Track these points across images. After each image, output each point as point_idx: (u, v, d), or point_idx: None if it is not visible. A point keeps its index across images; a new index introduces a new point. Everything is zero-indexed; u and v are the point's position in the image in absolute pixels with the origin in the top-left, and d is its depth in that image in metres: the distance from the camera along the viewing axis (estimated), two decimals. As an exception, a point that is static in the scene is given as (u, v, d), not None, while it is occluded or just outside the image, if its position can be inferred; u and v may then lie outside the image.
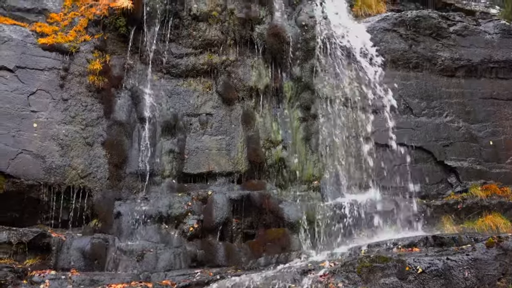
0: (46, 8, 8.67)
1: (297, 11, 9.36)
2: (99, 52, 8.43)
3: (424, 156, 9.04)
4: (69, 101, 8.11)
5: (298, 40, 8.99)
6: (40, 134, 7.76)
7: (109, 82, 8.35)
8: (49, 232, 7.14)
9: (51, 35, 8.31)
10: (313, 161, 8.76)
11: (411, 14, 9.70)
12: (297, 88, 9.01)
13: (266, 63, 9.03)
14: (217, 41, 8.89)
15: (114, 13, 8.41)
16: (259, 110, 8.90)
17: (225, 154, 8.57)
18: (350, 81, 9.02)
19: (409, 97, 9.31)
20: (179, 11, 8.74)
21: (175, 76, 8.82)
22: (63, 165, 7.77)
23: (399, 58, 9.46)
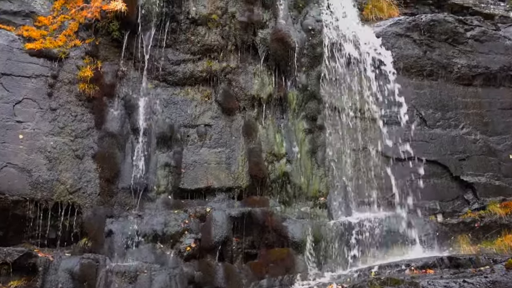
0: (34, 11, 8.74)
1: (303, 15, 9.46)
2: (91, 58, 8.49)
3: (438, 170, 9.16)
4: (58, 111, 8.17)
5: (304, 45, 9.10)
6: (26, 146, 7.80)
7: (101, 90, 8.41)
8: (36, 251, 7.20)
9: (39, 40, 8.37)
10: (319, 175, 8.85)
11: (425, 18, 9.85)
12: (302, 97, 9.09)
13: (269, 70, 9.11)
14: (217, 46, 8.97)
15: (107, 16, 8.45)
16: (262, 121, 8.98)
17: (225, 168, 8.63)
18: (360, 90, 9.13)
19: (423, 107, 9.43)
20: (176, 14, 8.81)
21: (172, 84, 8.88)
22: (50, 179, 7.81)
23: (413, 65, 9.59)
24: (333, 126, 9.00)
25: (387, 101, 9.16)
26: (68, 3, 8.90)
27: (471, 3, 11.51)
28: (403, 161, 8.91)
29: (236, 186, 8.58)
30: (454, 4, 11.49)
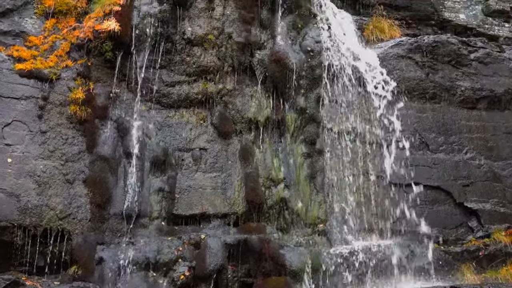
0: (24, 30, 8.99)
1: (301, 36, 9.76)
2: (82, 79, 8.74)
3: (442, 196, 9.43)
4: (48, 134, 8.39)
5: (303, 67, 9.41)
6: (14, 170, 8.01)
7: (93, 112, 8.65)
8: (23, 279, 7.39)
9: (29, 60, 8.60)
10: (318, 201, 9.10)
11: (428, 40, 10.20)
12: (301, 120, 9.38)
13: (267, 92, 9.41)
14: (213, 67, 9.24)
15: (100, 36, 8.72)
16: (259, 145, 9.24)
17: (221, 193, 8.88)
18: (360, 113, 9.43)
19: (425, 131, 9.73)
20: (171, 35, 9.08)
21: (166, 107, 9.15)
22: (40, 204, 8.02)
23: (415, 88, 9.92)
24: (333, 151, 9.24)
25: (388, 124, 9.44)
26: (60, 22, 9.13)
27: (475, 24, 11.95)
28: (405, 186, 9.16)
29: (232, 212, 8.82)
30: (458, 25, 11.92)
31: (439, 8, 12.01)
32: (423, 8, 11.96)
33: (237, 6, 9.48)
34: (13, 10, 9.08)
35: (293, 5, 9.80)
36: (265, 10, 9.68)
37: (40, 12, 9.25)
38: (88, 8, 9.32)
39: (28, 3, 9.24)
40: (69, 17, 9.24)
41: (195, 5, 9.35)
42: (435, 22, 11.98)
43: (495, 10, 12.18)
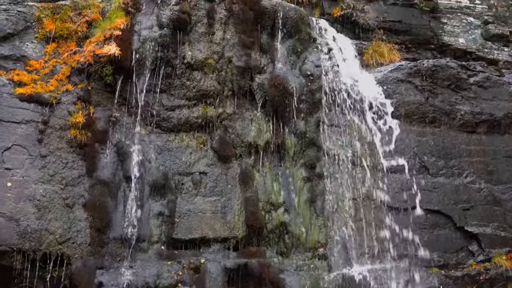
0: (25, 55, 9.26)
1: (301, 60, 10.08)
2: (83, 103, 8.99)
3: (442, 220, 9.66)
4: (48, 158, 8.62)
5: (303, 91, 9.70)
6: (14, 194, 8.21)
7: (93, 136, 8.90)
8: (23, 304, 7.53)
9: (29, 85, 8.86)
10: (318, 226, 9.34)
11: (427, 64, 10.49)
12: (301, 144, 9.63)
13: (267, 116, 9.67)
14: (213, 92, 9.49)
15: (100, 60, 8.98)
16: (259, 169, 9.47)
17: (220, 217, 9.08)
18: (360, 137, 9.72)
19: (425, 155, 10.00)
20: (171, 59, 9.32)
21: (166, 131, 9.38)
22: (39, 229, 8.21)
23: (414, 112, 10.21)
24: (333, 175, 9.48)
25: (388, 148, 9.71)
26: (61, 47, 9.43)
27: (474, 49, 12.34)
28: (405, 210, 9.42)
29: (232, 237, 9.02)
30: (457, 49, 12.32)
31: (438, 33, 12.42)
32: (423, 32, 12.38)
33: (237, 30, 9.78)
34: (14, 35, 9.39)
35: (293, 30, 10.12)
36: (265, 34, 10.00)
37: (41, 36, 9.56)
38: (88, 32, 9.62)
39: (29, 27, 9.56)
40: (70, 41, 9.54)
41: (195, 29, 9.62)
42: (434, 46, 12.38)
43: (495, 34, 12.57)
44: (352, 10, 12.09)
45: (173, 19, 9.42)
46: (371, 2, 12.41)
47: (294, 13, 10.18)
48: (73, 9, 9.80)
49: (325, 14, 12.37)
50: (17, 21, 9.51)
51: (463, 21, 12.81)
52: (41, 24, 9.63)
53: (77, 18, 9.71)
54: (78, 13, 9.76)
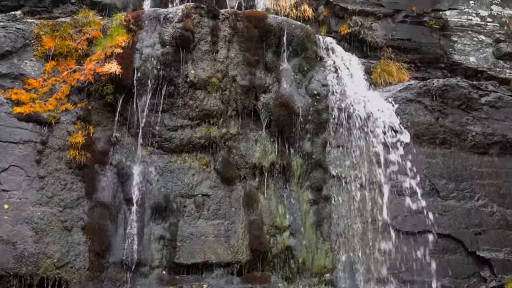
0: (23, 73, 9.31)
1: (307, 79, 10.13)
2: (82, 123, 9.05)
3: (452, 245, 9.65)
4: (46, 179, 8.67)
5: (309, 111, 9.74)
6: (11, 217, 8.26)
7: (93, 157, 8.95)
8: (19, 330, 7.52)
9: (28, 104, 8.93)
10: (324, 250, 9.35)
11: (437, 83, 10.52)
12: (307, 166, 9.65)
13: (272, 137, 9.69)
14: (217, 111, 9.52)
15: (101, 79, 9.04)
16: (263, 191, 9.47)
17: (224, 241, 9.07)
18: (368, 159, 9.75)
19: (435, 177, 10.01)
20: (174, 78, 9.37)
21: (168, 151, 9.40)
22: (36, 252, 8.24)
23: (424, 133, 10.24)
24: (340, 197, 9.52)
25: (397, 170, 9.75)
26: (60, 65, 9.49)
27: (485, 67, 12.39)
28: (414, 234, 9.44)
29: (235, 261, 9.01)
30: (468, 68, 12.38)
31: (448, 51, 12.49)
32: (432, 51, 12.45)
33: (241, 48, 9.82)
34: (12, 52, 9.47)
35: (299, 48, 10.16)
36: (270, 52, 10.04)
37: (40, 54, 9.63)
38: (89, 50, 9.67)
39: (27, 45, 9.65)
40: (70, 59, 9.61)
41: (199, 47, 9.67)
42: (444, 65, 12.45)
43: (506, 53, 12.63)
44: (359, 27, 12.19)
45: (176, 37, 9.46)
46: (379, 19, 12.50)
47: (300, 31, 10.21)
48: (73, 26, 9.88)
49: (332, 32, 12.50)
50: (16, 39, 9.59)
51: (474, 40, 12.87)
52: (40, 42, 9.71)
53: (77, 36, 9.78)
54: (78, 31, 9.84)
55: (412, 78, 11.56)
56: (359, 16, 12.42)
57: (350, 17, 12.42)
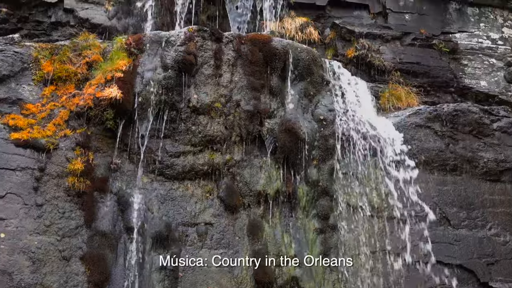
0: (21, 98, 9.38)
1: (314, 103, 10.27)
2: (81, 149, 9.10)
3: (464, 276, 9.68)
4: (44, 207, 8.71)
5: (315, 137, 9.86)
6: (7, 246, 8.28)
7: (92, 184, 9.01)
8: None
9: (26, 129, 8.98)
10: (332, 281, 9.38)
11: (447, 108, 10.64)
12: (313, 193, 9.74)
13: (277, 163, 9.77)
14: (220, 137, 9.62)
15: (101, 104, 9.15)
16: (268, 219, 9.55)
17: (227, 271, 9.13)
18: (376, 186, 9.84)
19: (446, 205, 10.09)
20: (176, 103, 9.47)
21: (170, 179, 9.48)
22: (33, 283, 8.24)
23: (434, 159, 10.33)
24: (348, 226, 9.57)
25: (407, 198, 9.80)
26: (59, 89, 9.57)
27: (497, 92, 12.52)
28: (425, 264, 9.49)
29: (239, 292, 8.95)
30: (479, 93, 12.53)
31: (458, 75, 12.65)
32: (442, 74, 12.61)
33: (245, 72, 9.96)
34: (10, 77, 9.56)
35: (305, 72, 10.30)
36: (275, 76, 10.18)
37: (38, 78, 9.72)
38: (88, 74, 9.79)
39: (26, 69, 9.74)
40: (69, 83, 9.71)
41: (202, 71, 9.81)
42: (454, 89, 12.62)
43: (518, 76, 12.77)
44: (367, 51, 12.34)
45: (178, 61, 9.59)
46: (387, 42, 12.67)
47: (306, 54, 10.36)
48: (73, 49, 10.00)
49: (339, 55, 12.67)
50: (13, 62, 9.69)
51: (484, 63, 13.02)
52: (38, 66, 9.81)
53: (77, 59, 9.90)
54: (77, 54, 9.96)
55: (422, 102, 11.70)
56: (366, 39, 12.59)
57: (357, 40, 12.59)
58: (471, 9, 13.75)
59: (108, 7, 11.89)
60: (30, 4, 11.68)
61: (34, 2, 11.69)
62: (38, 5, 11.74)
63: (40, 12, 11.81)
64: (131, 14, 12.05)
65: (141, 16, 12.06)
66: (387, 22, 13.15)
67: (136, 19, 12.05)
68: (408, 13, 13.32)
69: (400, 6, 13.33)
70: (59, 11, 11.82)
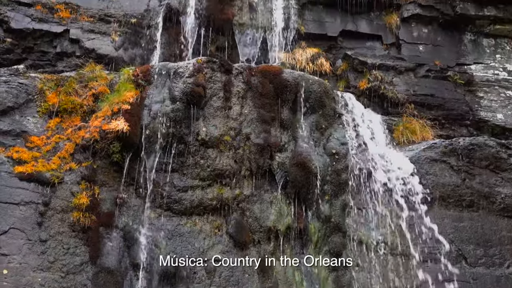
0: (25, 130, 9.59)
1: (326, 137, 10.45)
2: (87, 183, 9.29)
3: None
4: (48, 243, 8.83)
5: (327, 171, 10.01)
6: (10, 283, 8.37)
7: (98, 220, 9.17)
8: None
9: (30, 163, 9.16)
10: None
11: (463, 142, 10.77)
12: (325, 229, 9.85)
13: (288, 199, 9.91)
14: (229, 171, 9.77)
15: (107, 137, 9.34)
16: (279, 257, 9.64)
17: None
18: (390, 223, 9.92)
19: (463, 242, 10.18)
20: (184, 136, 9.66)
21: (178, 214, 9.62)
22: None
23: (450, 195, 10.45)
24: (361, 264, 9.69)
25: (421, 235, 9.91)
26: (64, 122, 9.80)
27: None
28: (441, 304, 9.61)
29: (249, 332, 9.10)
30: (495, 126, 12.65)
31: (474, 107, 12.80)
32: (457, 107, 12.80)
33: (255, 105, 10.17)
34: (14, 108, 9.78)
35: (316, 104, 10.52)
36: (286, 109, 10.39)
37: (43, 110, 9.96)
38: (95, 106, 10.03)
39: (30, 100, 9.97)
40: (74, 116, 9.94)
41: (211, 103, 10.02)
42: (470, 122, 12.78)
43: (536, 109, 12.92)
44: (380, 82, 12.51)
45: (187, 93, 9.79)
46: (401, 74, 12.84)
47: (317, 86, 10.58)
48: (79, 81, 10.24)
49: (351, 87, 12.85)
50: (18, 94, 9.90)
51: (501, 95, 13.17)
52: (43, 97, 10.04)
53: (83, 91, 10.12)
54: (83, 86, 10.18)
55: (436, 136, 11.84)
56: (379, 70, 12.77)
57: (369, 71, 12.77)
58: (487, 40, 13.93)
59: (115, 38, 12.09)
60: (35, 34, 11.95)
61: (39, 32, 11.96)
62: (43, 35, 12.01)
63: (45, 42, 12.05)
64: (138, 44, 12.25)
65: (149, 46, 12.25)
66: (401, 53, 13.36)
67: (143, 49, 12.26)
68: (422, 44, 13.51)
69: (414, 37, 13.52)
70: (64, 41, 12.05)
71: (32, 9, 12.06)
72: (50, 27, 12.08)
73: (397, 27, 13.54)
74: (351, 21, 13.64)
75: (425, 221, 10.00)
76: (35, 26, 11.96)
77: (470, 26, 13.78)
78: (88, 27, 12.21)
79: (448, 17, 13.60)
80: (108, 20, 12.45)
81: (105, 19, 12.45)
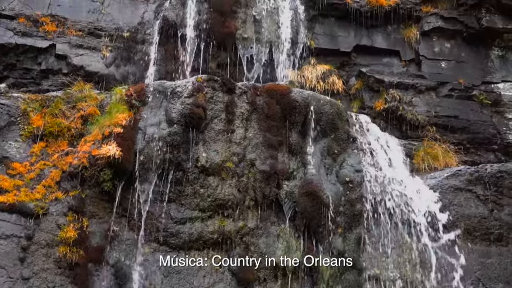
0: (7, 156, 9.57)
1: (338, 163, 10.41)
2: (75, 214, 9.22)
3: None
4: (31, 281, 8.77)
5: (340, 201, 9.96)
6: None
7: (86, 255, 9.10)
8: None
9: (12, 192, 9.11)
10: None
11: (491, 169, 10.73)
12: (338, 266, 9.76)
13: (296, 232, 9.85)
14: (232, 201, 9.72)
15: (97, 163, 9.29)
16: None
17: None
18: (411, 258, 9.89)
19: (490, 280, 10.12)
20: (182, 162, 9.62)
21: (175, 248, 9.54)
22: None
23: (476, 227, 10.40)
24: (378, 305, 9.69)
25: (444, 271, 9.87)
26: (50, 146, 9.77)
27: (543, 151, 12.67)
28: None
29: None
30: (524, 150, 12.67)
31: (502, 130, 12.76)
32: (483, 130, 12.75)
33: (261, 128, 10.13)
34: (-6, 132, 9.69)
35: (328, 127, 10.50)
36: (294, 132, 10.35)
37: (27, 134, 9.94)
38: (84, 129, 10.03)
39: (13, 123, 9.97)
40: (61, 140, 9.92)
41: (211, 126, 9.98)
42: (498, 146, 12.73)
43: None
44: (398, 103, 12.49)
45: (185, 114, 9.77)
46: (421, 93, 12.83)
47: (329, 107, 10.54)
48: (66, 101, 10.21)
49: (366, 107, 12.82)
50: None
51: (530, 116, 13.13)
52: (27, 119, 10.03)
53: (71, 113, 10.09)
54: (71, 107, 10.16)
55: (461, 162, 11.80)
56: (397, 89, 12.75)
57: (386, 90, 12.75)
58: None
59: (106, 53, 12.09)
60: (17, 49, 11.94)
61: (23, 48, 11.95)
62: (27, 50, 12.00)
63: (29, 58, 12.03)
64: (131, 61, 12.26)
65: (143, 63, 12.24)
66: (421, 70, 13.33)
67: (137, 66, 12.25)
68: (444, 61, 13.46)
69: (435, 52, 13.50)
70: (50, 57, 12.04)
71: (15, 22, 12.05)
72: (35, 42, 12.07)
73: (417, 41, 13.53)
74: (366, 35, 13.64)
75: (448, 257, 9.93)
76: (18, 41, 11.96)
77: (497, 40, 13.77)
78: (76, 41, 12.20)
79: (473, 31, 13.58)
80: (98, 34, 12.46)
81: (95, 33, 12.46)
